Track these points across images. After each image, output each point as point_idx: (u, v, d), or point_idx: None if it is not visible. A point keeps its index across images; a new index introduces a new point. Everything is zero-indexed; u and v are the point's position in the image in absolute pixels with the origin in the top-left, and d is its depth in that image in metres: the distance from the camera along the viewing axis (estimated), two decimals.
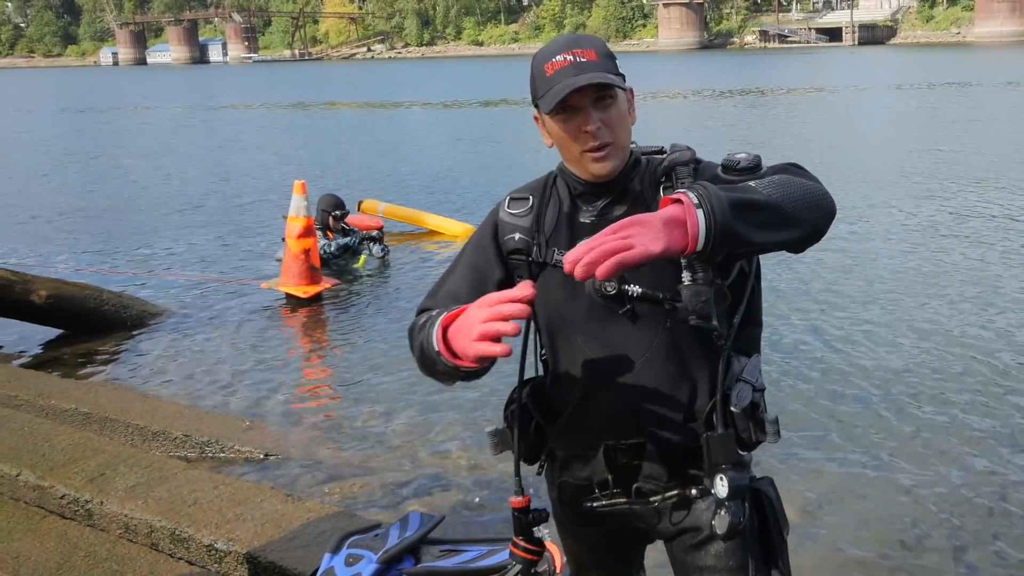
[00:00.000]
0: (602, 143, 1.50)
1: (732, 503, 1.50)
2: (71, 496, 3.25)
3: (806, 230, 1.41)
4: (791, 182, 1.41)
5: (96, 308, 6.00)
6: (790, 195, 1.38)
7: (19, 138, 22.12)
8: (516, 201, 1.64)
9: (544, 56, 1.53)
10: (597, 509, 1.65)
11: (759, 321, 1.66)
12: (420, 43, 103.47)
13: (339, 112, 28.78)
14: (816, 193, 1.43)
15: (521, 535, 1.71)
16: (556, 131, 1.53)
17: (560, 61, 1.49)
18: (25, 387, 4.50)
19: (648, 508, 1.62)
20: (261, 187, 12.89)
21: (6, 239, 9.43)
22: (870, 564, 3.15)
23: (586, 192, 1.57)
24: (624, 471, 1.58)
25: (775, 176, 1.42)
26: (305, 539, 2.91)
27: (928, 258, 7.46)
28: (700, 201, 1.28)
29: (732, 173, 1.49)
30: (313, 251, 6.82)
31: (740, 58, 59.62)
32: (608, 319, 1.54)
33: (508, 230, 1.62)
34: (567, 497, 1.71)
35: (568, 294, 1.55)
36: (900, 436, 4.14)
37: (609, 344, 1.55)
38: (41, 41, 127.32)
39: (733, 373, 1.56)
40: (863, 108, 21.72)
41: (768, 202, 1.34)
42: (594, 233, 1.44)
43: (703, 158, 1.62)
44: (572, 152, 1.53)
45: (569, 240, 1.56)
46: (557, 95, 1.46)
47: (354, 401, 4.83)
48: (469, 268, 1.64)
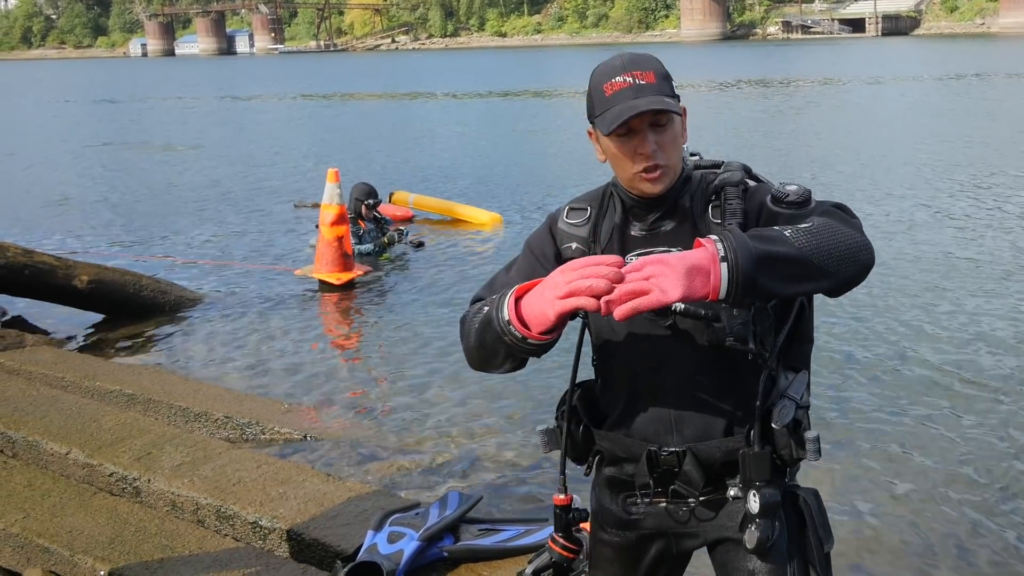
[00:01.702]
0: (656, 164, 1.53)
1: (763, 520, 1.53)
2: (119, 474, 3.34)
3: (835, 283, 1.42)
4: (828, 231, 1.41)
5: (136, 293, 6.12)
6: (824, 247, 1.39)
7: (56, 128, 22.46)
8: (575, 211, 1.68)
9: (603, 75, 1.55)
10: (636, 510, 1.67)
11: (809, 338, 1.68)
12: (444, 34, 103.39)
13: (365, 103, 28.90)
14: (853, 245, 1.43)
15: (561, 532, 1.76)
16: (612, 150, 1.56)
17: (620, 83, 1.52)
18: (71, 369, 4.61)
19: (686, 510, 1.64)
20: (292, 176, 13.00)
21: (46, 226, 9.61)
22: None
23: (636, 207, 1.61)
24: (664, 476, 1.61)
25: (815, 222, 1.43)
26: (347, 517, 2.97)
27: (964, 250, 7.38)
28: (726, 253, 1.32)
29: (780, 205, 1.52)
30: (346, 238, 6.89)
31: (763, 49, 58.87)
32: (653, 332, 1.57)
33: (566, 239, 1.66)
34: (608, 496, 1.72)
35: None
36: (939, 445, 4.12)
37: (653, 356, 1.58)
38: (72, 33, 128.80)
39: (778, 390, 1.59)
40: (886, 99, 21.41)
41: (798, 256, 1.36)
42: (645, 246, 1.56)
43: (757, 176, 1.64)
44: (626, 171, 1.56)
45: (620, 252, 1.60)
46: (617, 118, 1.49)
47: (388, 384, 4.90)
48: (528, 267, 1.67)
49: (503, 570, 2.61)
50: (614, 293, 1.30)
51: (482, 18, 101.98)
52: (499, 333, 1.46)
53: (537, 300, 1.42)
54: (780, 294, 1.40)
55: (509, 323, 1.44)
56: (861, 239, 1.45)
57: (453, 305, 6.33)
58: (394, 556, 2.60)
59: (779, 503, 1.55)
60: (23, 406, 3.87)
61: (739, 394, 1.57)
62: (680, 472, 1.59)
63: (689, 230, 1.57)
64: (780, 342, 1.57)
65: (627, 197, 1.61)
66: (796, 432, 1.57)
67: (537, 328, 1.42)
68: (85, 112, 28.15)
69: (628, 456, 1.64)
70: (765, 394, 1.56)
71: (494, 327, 1.47)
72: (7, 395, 3.99)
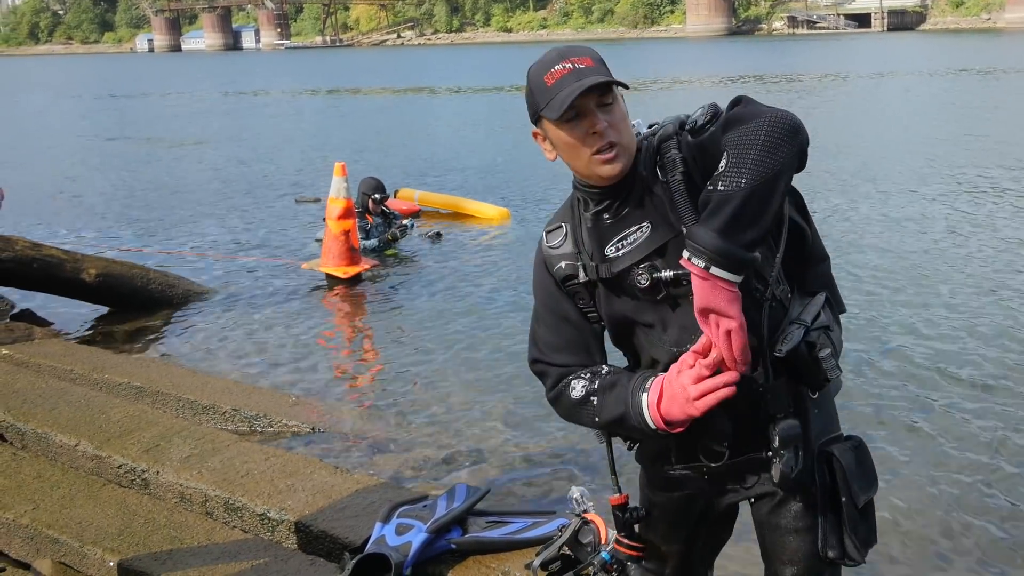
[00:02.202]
0: (611, 142, 1.54)
1: (785, 452, 1.55)
2: (128, 466, 3.35)
3: (787, 169, 1.44)
4: (742, 146, 1.42)
5: (143, 287, 6.14)
6: (752, 161, 1.41)
7: (63, 123, 22.52)
8: (551, 233, 1.72)
9: (541, 69, 1.56)
10: (674, 474, 1.73)
11: (821, 256, 1.69)
12: (449, 30, 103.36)
13: (371, 98, 28.90)
14: (770, 132, 1.42)
15: (623, 531, 1.81)
16: (563, 138, 1.56)
17: (560, 70, 1.53)
18: (80, 362, 4.62)
19: (718, 470, 1.67)
20: (299, 170, 13.02)
21: (55, 220, 9.63)
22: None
23: (600, 196, 1.62)
24: (689, 436, 1.61)
25: (728, 152, 1.43)
26: (355, 509, 2.97)
27: (966, 247, 7.35)
28: (708, 261, 1.41)
29: (698, 134, 1.54)
30: (353, 232, 6.90)
31: (768, 44, 58.66)
32: (654, 308, 1.61)
33: (554, 261, 1.69)
34: (647, 464, 1.81)
35: (615, 298, 1.64)
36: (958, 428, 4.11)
37: (664, 326, 1.61)
38: (79, 28, 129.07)
39: (788, 318, 1.60)
40: (891, 95, 21.31)
41: (745, 195, 1.40)
42: (618, 232, 1.60)
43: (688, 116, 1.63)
44: (581, 157, 1.56)
45: (600, 248, 1.63)
46: (565, 99, 1.50)
47: (395, 378, 4.90)
48: (547, 312, 1.73)
49: (511, 562, 2.61)
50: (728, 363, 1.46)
51: (487, 14, 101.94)
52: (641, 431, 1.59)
53: (678, 405, 1.52)
54: (765, 230, 1.44)
55: (657, 430, 1.56)
56: (769, 119, 1.43)
57: (461, 299, 6.34)
58: (402, 548, 2.60)
59: (799, 434, 1.58)
60: (32, 398, 3.88)
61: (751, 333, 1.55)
62: (706, 425, 1.59)
63: (648, 199, 1.59)
64: (776, 268, 1.59)
65: (588, 190, 1.62)
66: (811, 353, 1.57)
67: (682, 425, 1.54)
68: (92, 107, 28.22)
69: None
70: (775, 325, 1.58)
71: (634, 425, 1.59)
72: (16, 387, 4.00)
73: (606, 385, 1.62)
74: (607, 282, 1.63)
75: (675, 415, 1.52)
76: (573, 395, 1.65)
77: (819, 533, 1.63)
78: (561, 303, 1.70)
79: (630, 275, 1.59)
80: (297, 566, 2.68)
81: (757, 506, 1.71)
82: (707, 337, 1.47)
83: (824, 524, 1.63)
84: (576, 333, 1.70)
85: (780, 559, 1.69)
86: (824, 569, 1.67)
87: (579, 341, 1.69)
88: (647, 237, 1.58)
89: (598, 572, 2.15)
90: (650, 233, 1.58)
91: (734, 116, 1.48)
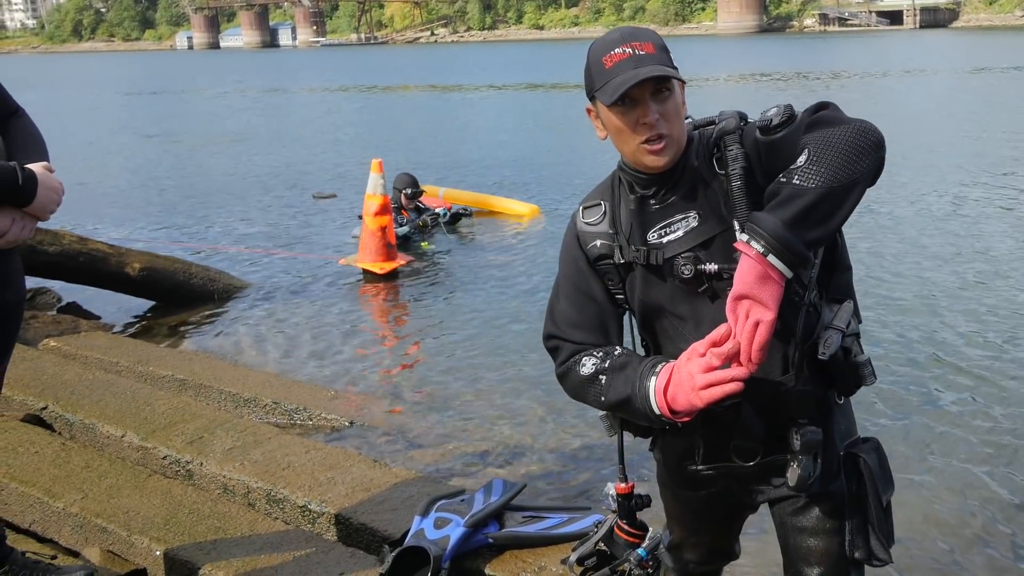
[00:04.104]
0: (660, 134, 1.52)
1: (804, 457, 1.55)
2: (172, 457, 3.42)
3: (865, 182, 1.41)
4: (826, 147, 1.40)
5: (185, 281, 6.25)
6: (833, 165, 1.39)
7: (107, 119, 22.93)
8: (589, 209, 1.69)
9: (601, 48, 1.55)
10: (701, 472, 1.70)
11: (847, 265, 1.68)
12: (482, 27, 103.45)
13: (405, 95, 29.03)
14: (854, 140, 1.41)
15: (625, 519, 1.83)
16: (614, 123, 1.55)
17: (619, 54, 1.51)
18: (125, 354, 4.72)
19: (747, 470, 1.66)
20: (335, 167, 13.13)
21: (98, 215, 9.84)
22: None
23: (647, 182, 1.60)
24: (719, 433, 1.63)
25: (809, 149, 1.41)
26: (393, 503, 3.00)
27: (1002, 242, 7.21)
28: (767, 248, 1.38)
29: (770, 133, 1.52)
30: (389, 228, 6.95)
31: (799, 41, 57.70)
32: (692, 299, 1.59)
33: (589, 239, 1.67)
34: (672, 462, 1.76)
35: (653, 284, 1.61)
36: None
37: (697, 320, 1.59)
38: (120, 26, 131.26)
39: (823, 323, 1.59)
40: (925, 92, 20.92)
41: (820, 193, 1.38)
42: (663, 219, 1.58)
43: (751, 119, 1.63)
44: (629, 144, 1.55)
45: (643, 232, 1.61)
46: (619, 87, 1.49)
47: (431, 372, 4.94)
48: (572, 288, 1.69)
49: (547, 557, 2.62)
50: (743, 356, 1.41)
51: (520, 11, 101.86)
52: (646, 415, 1.55)
53: (683, 393, 1.48)
54: (831, 233, 1.43)
55: (660, 416, 1.52)
56: (857, 127, 1.42)
57: (496, 295, 6.36)
58: (440, 541, 2.63)
59: (820, 441, 1.57)
60: (80, 390, 3.97)
61: (785, 337, 1.57)
62: (738, 425, 1.60)
63: (700, 190, 1.57)
64: (814, 277, 1.58)
65: (634, 175, 1.61)
66: (848, 359, 1.58)
67: (687, 414, 1.50)
68: (134, 104, 28.70)
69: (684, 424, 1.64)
70: (808, 330, 1.57)
71: (638, 408, 1.55)
72: (64, 379, 4.09)
73: (616, 365, 1.59)
74: (649, 267, 1.61)
75: (679, 403, 1.48)
76: (582, 371, 1.62)
77: (846, 535, 1.63)
78: (589, 281, 1.67)
79: (673, 264, 1.57)
80: (337, 558, 2.72)
81: (780, 507, 1.69)
82: (726, 327, 1.42)
83: (851, 526, 1.63)
84: (598, 312, 1.67)
85: (806, 560, 1.67)
86: (850, 570, 1.66)
87: (599, 321, 1.67)
88: (694, 228, 1.57)
89: (634, 568, 2.17)
90: (698, 224, 1.57)
91: (821, 119, 1.46)
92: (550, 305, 1.73)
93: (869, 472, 1.64)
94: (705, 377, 1.43)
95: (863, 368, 1.58)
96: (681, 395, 1.47)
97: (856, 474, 1.65)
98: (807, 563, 1.67)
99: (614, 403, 1.58)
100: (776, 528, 1.72)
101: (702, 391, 1.43)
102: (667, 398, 1.49)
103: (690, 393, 1.45)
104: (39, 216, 2.09)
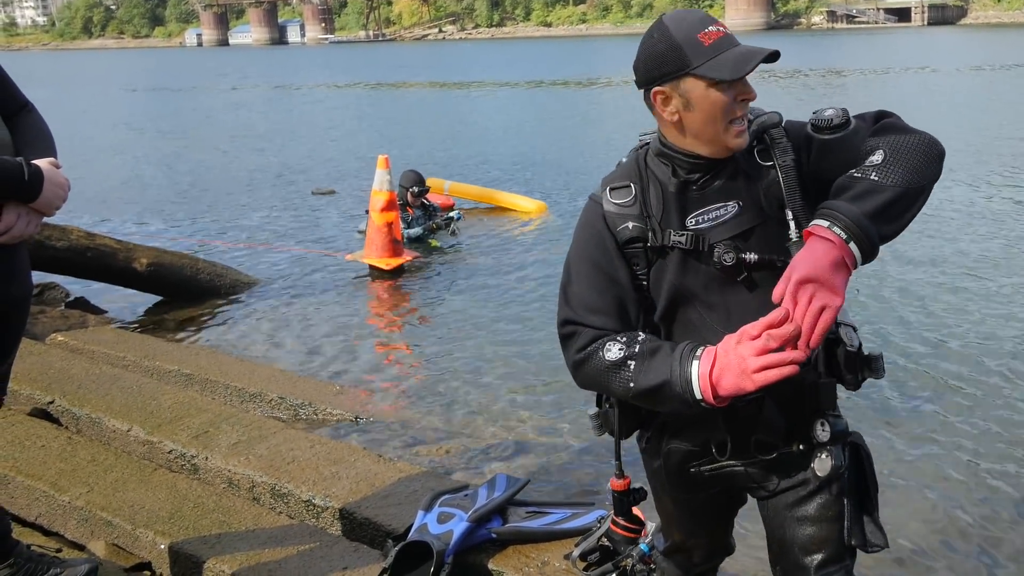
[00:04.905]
0: (744, 114, 1.54)
1: (833, 447, 1.58)
2: (178, 451, 3.43)
3: (929, 188, 1.46)
4: (903, 151, 1.45)
5: (192, 276, 6.27)
6: (909, 168, 1.44)
7: (115, 115, 23.01)
8: (617, 190, 1.63)
9: (688, 27, 1.51)
10: (705, 474, 1.69)
11: None
12: (490, 24, 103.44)
13: (413, 91, 29.04)
14: (925, 148, 1.47)
15: (622, 515, 1.82)
16: (713, 99, 1.50)
17: (715, 32, 1.51)
18: (132, 349, 4.74)
19: (757, 467, 1.66)
20: (342, 163, 13.15)
21: (106, 210, 9.88)
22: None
23: (695, 167, 1.58)
24: (742, 429, 1.62)
25: (885, 151, 1.46)
26: (398, 498, 3.01)
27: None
28: (849, 234, 1.40)
29: (824, 132, 1.54)
30: (395, 224, 6.96)
31: (807, 39, 57.39)
32: (727, 288, 1.58)
33: (619, 220, 1.60)
34: (674, 464, 1.73)
35: (689, 270, 1.59)
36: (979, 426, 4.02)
37: (728, 311, 1.58)
38: (130, 23, 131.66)
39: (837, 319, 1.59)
40: (935, 90, 20.80)
41: (898, 193, 1.43)
42: (702, 205, 1.56)
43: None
44: (718, 124, 1.52)
45: (681, 217, 1.58)
46: (744, 61, 1.47)
47: (437, 368, 4.94)
48: (595, 271, 1.61)
49: (550, 552, 2.62)
50: (802, 341, 1.40)
51: (527, 8, 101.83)
52: (685, 400, 1.49)
53: (731, 377, 1.45)
54: (899, 232, 1.47)
55: (701, 401, 1.48)
56: (927, 137, 1.50)
57: (502, 291, 6.36)
58: (444, 536, 2.63)
59: (846, 430, 1.60)
60: (87, 384, 3.99)
61: None
62: (761, 419, 1.60)
63: (741, 180, 1.58)
64: None
65: (685, 159, 1.58)
66: (861, 353, 1.60)
67: (729, 399, 1.47)
68: (144, 100, 28.80)
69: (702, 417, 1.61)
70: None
71: (676, 394, 1.49)
72: (71, 373, 4.11)
73: (647, 351, 1.53)
74: (688, 253, 1.57)
75: (726, 387, 1.44)
76: (608, 357, 1.54)
77: (845, 522, 1.65)
78: (614, 264, 1.60)
79: (713, 251, 1.56)
80: (341, 552, 2.72)
81: (776, 500, 1.68)
82: (784, 311, 1.40)
83: (850, 512, 1.65)
84: (619, 297, 1.60)
85: (806, 549, 1.66)
86: (846, 555, 1.67)
87: (621, 306, 1.60)
88: (734, 217, 1.57)
89: (636, 564, 2.17)
90: (737, 213, 1.57)
91: (890, 125, 1.53)
92: (563, 289, 1.65)
93: (868, 459, 1.68)
94: (760, 360, 1.41)
95: (876, 362, 1.60)
96: (728, 379, 1.44)
97: (856, 462, 1.67)
98: (807, 552, 1.66)
99: (645, 389, 1.51)
100: (769, 520, 1.72)
101: (755, 374, 1.41)
102: (712, 381, 1.46)
103: (739, 377, 1.43)
104: (44, 212, 2.10)
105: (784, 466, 1.65)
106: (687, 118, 1.54)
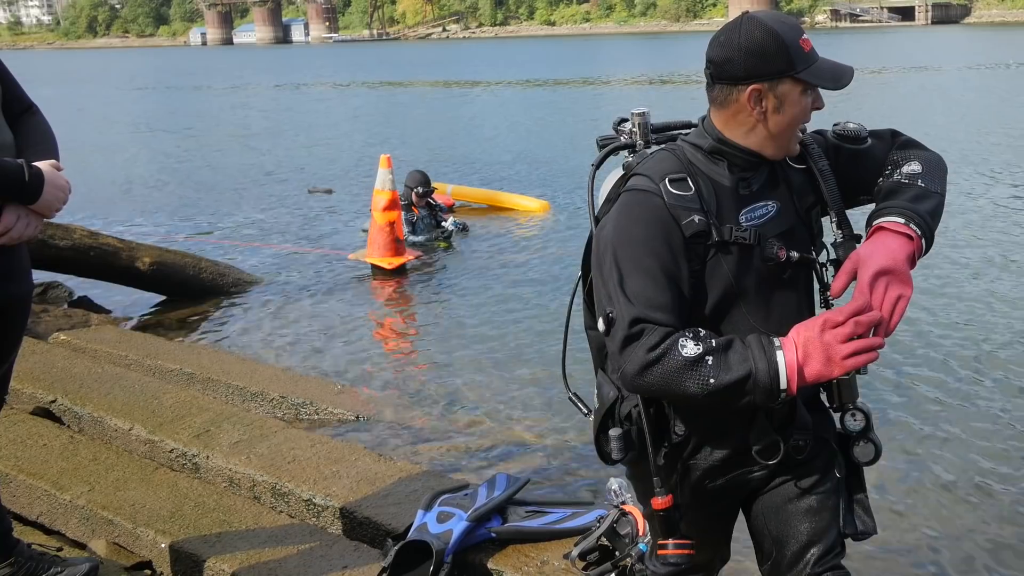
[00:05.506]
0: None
1: (872, 433, 1.66)
2: (179, 450, 3.44)
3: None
4: (931, 161, 1.65)
5: (195, 275, 6.28)
6: (941, 177, 1.64)
7: (119, 114, 23.05)
8: (677, 182, 1.57)
9: (790, 31, 1.56)
10: (720, 483, 1.71)
11: None
12: (494, 23, 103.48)
13: (417, 90, 29.05)
14: (943, 163, 1.67)
15: (671, 535, 1.67)
16: (801, 104, 1.58)
17: (807, 40, 1.58)
18: (134, 348, 4.75)
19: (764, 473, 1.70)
20: (345, 162, 13.16)
21: (110, 209, 9.89)
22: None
23: (749, 164, 1.62)
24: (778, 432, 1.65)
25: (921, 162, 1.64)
26: (398, 497, 3.01)
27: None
28: (922, 231, 1.56)
29: (848, 141, 1.69)
30: (398, 224, 6.97)
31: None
32: (771, 286, 1.62)
33: (684, 214, 1.55)
34: (695, 479, 1.70)
35: (743, 267, 1.59)
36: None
37: (771, 309, 1.62)
38: (135, 22, 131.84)
39: None
40: (939, 89, 20.74)
41: (941, 198, 1.61)
42: (752, 203, 1.61)
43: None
44: (792, 127, 1.60)
45: (736, 214, 1.59)
46: (842, 74, 1.59)
47: (438, 368, 4.95)
48: (656, 265, 1.54)
49: (549, 551, 2.63)
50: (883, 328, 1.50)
51: (531, 7, 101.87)
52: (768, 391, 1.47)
53: (817, 364, 1.47)
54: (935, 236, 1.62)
55: (784, 391, 1.48)
56: (939, 155, 1.70)
57: (504, 290, 6.36)
58: (443, 535, 2.64)
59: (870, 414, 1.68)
60: (89, 383, 4.00)
61: None
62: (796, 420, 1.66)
63: (783, 184, 1.66)
64: None
65: (747, 157, 1.61)
66: None
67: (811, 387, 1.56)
68: (149, 99, 28.84)
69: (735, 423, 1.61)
70: None
71: (761, 386, 1.47)
72: (74, 372, 4.12)
73: (721, 345, 1.48)
74: (745, 249, 1.57)
75: (810, 374, 1.46)
76: (685, 353, 1.46)
77: (840, 512, 1.70)
78: (679, 259, 1.54)
79: (766, 247, 1.60)
80: (341, 551, 2.73)
81: (772, 494, 1.71)
82: (863, 300, 1.48)
83: (844, 503, 1.70)
84: (679, 292, 1.54)
85: (805, 541, 1.68)
86: (839, 544, 1.70)
87: (681, 301, 1.54)
88: (776, 216, 1.63)
89: (635, 563, 2.18)
90: (778, 212, 1.63)
91: (911, 141, 1.71)
92: (619, 285, 1.53)
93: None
94: (850, 346, 1.46)
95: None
96: (812, 365, 1.47)
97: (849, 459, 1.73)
98: (805, 544, 1.68)
99: (725, 384, 1.45)
100: (764, 518, 1.73)
101: (845, 360, 1.46)
102: (800, 367, 1.47)
103: (825, 364, 1.46)
104: (44, 214, 2.11)
105: (792, 462, 1.69)
106: (773, 119, 1.56)
